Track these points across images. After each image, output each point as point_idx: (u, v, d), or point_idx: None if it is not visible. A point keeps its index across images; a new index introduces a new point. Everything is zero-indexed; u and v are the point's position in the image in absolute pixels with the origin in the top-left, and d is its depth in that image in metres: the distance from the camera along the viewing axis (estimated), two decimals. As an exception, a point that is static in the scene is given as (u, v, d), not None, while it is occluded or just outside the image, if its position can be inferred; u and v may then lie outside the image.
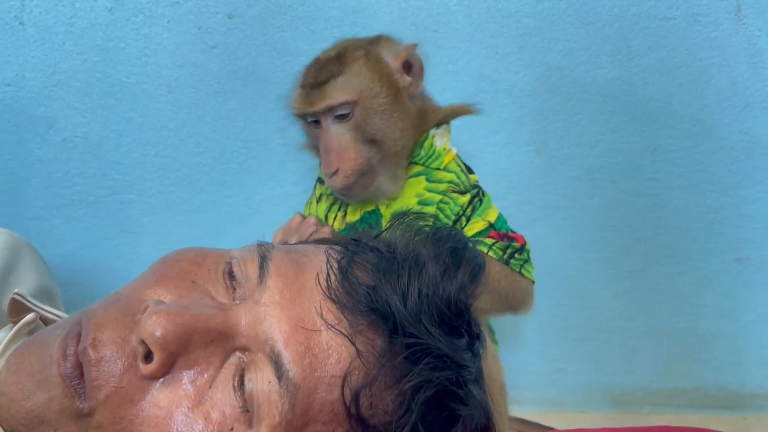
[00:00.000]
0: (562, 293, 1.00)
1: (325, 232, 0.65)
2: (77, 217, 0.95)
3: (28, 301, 0.52)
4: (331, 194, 0.78)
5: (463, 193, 0.74)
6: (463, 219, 0.74)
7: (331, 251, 0.46)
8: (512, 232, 0.75)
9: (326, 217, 0.79)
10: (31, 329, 0.47)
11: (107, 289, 0.98)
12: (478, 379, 0.45)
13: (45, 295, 0.63)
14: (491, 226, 0.73)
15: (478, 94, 0.93)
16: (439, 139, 0.76)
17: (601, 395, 1.04)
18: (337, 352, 0.40)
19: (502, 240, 0.72)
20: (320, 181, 0.82)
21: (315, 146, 0.77)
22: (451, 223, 0.73)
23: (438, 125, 0.77)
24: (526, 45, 0.92)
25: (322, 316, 0.40)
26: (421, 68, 0.74)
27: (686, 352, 1.03)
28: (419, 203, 0.73)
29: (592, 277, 0.99)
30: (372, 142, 0.72)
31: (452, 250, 0.47)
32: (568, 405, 1.02)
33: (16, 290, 0.52)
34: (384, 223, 0.74)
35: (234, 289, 0.43)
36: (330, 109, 0.72)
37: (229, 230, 0.96)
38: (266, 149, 0.94)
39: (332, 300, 0.41)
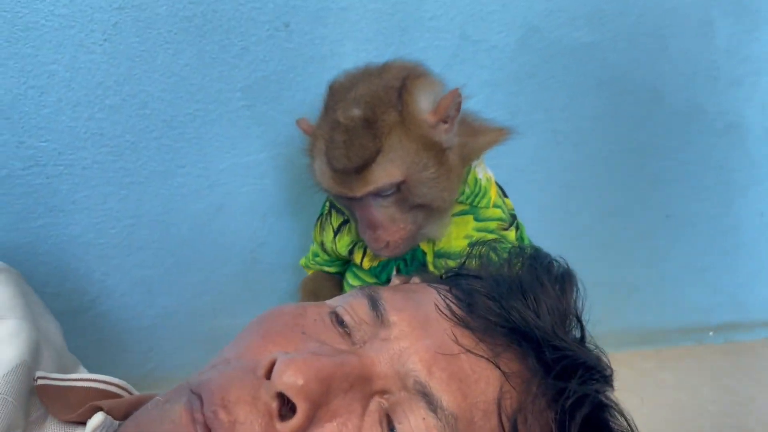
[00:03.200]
0: (520, 253, 1.02)
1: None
2: (-14, 194, 0.76)
3: (58, 380, 0.43)
4: (353, 228, 0.70)
5: (509, 227, 0.70)
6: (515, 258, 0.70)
7: (434, 284, 0.44)
8: None
9: (351, 251, 0.71)
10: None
11: (32, 278, 0.83)
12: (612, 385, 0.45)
13: (62, 339, 0.53)
14: None
15: (459, 53, 0.88)
16: (479, 170, 0.69)
17: (546, 343, 1.10)
18: (484, 377, 0.38)
19: None
20: (336, 209, 0.73)
21: (346, 206, 0.67)
22: None
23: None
24: (509, 3, 0.87)
25: (457, 341, 0.39)
26: (458, 110, 0.63)
27: (618, 300, 1.12)
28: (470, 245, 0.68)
29: (548, 236, 1.01)
30: (419, 206, 0.63)
31: (558, 268, 0.47)
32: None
33: (37, 374, 0.43)
34: (429, 259, 0.68)
35: (348, 335, 0.40)
36: (374, 192, 0.61)
37: (183, 206, 0.83)
38: (227, 111, 0.81)
39: (462, 326, 0.40)
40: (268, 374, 0.35)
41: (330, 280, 0.79)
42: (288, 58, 0.81)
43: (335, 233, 0.72)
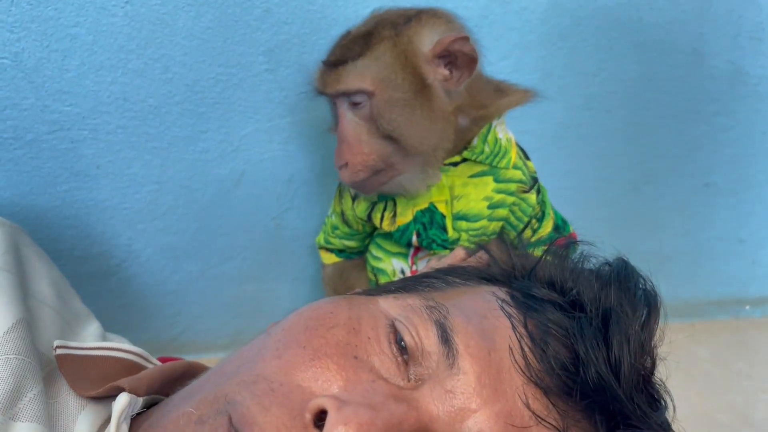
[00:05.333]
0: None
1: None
2: (13, 158, 0.76)
3: (77, 348, 0.43)
4: None
5: (530, 190, 0.68)
6: (534, 221, 0.68)
7: (508, 308, 0.39)
8: (568, 227, 0.72)
9: (369, 216, 0.70)
10: (128, 412, 0.38)
11: (57, 242, 0.83)
12: None
13: (60, 295, 0.52)
14: (557, 227, 0.70)
15: (488, 15, 0.84)
16: (500, 130, 0.68)
17: (575, 314, 1.08)
18: None
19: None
20: None
21: (333, 119, 0.68)
22: (522, 226, 0.67)
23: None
24: (541, -39, 0.84)
25: (529, 406, 0.35)
26: (472, 61, 0.61)
27: (652, 270, 1.08)
28: (490, 207, 0.66)
29: (579, 204, 1.00)
30: (390, 138, 0.62)
31: (644, 294, 0.44)
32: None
33: (55, 343, 0.42)
34: (448, 222, 0.66)
35: (406, 363, 0.37)
36: (343, 94, 0.62)
37: (206, 171, 0.83)
38: (250, 76, 0.80)
39: (535, 384, 0.36)
40: (316, 419, 0.33)
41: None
42: (311, 21, 0.79)
43: (353, 199, 0.71)
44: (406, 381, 0.36)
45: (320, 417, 0.33)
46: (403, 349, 0.37)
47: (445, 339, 0.36)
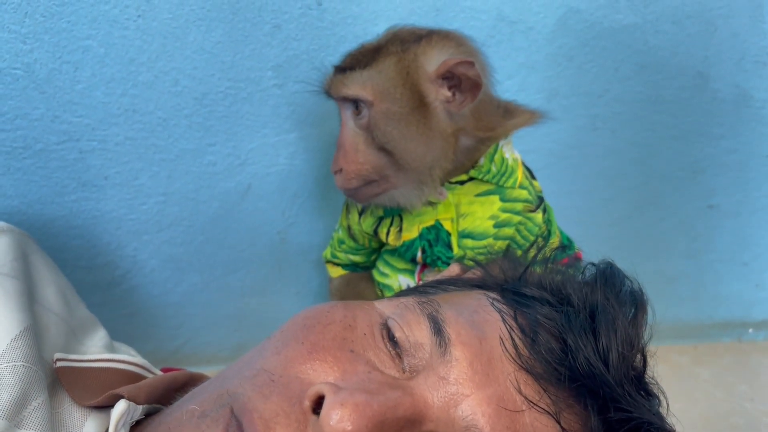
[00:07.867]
0: (553, 241, 1.00)
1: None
2: (22, 167, 0.77)
3: (77, 361, 0.43)
4: (377, 208, 0.71)
5: (536, 209, 0.69)
6: (540, 239, 0.69)
7: (498, 305, 0.41)
8: (573, 247, 0.73)
9: (376, 231, 0.70)
10: (126, 419, 0.39)
11: (63, 251, 0.84)
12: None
13: (66, 303, 0.52)
14: (563, 246, 0.70)
15: (495, 35, 0.85)
16: (507, 150, 0.68)
17: (577, 334, 1.08)
18: None
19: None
20: None
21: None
22: (528, 245, 0.68)
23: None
24: (549, -17, 0.85)
25: (520, 391, 0.36)
26: (476, 86, 0.62)
27: (655, 292, 1.07)
28: (495, 226, 0.66)
29: (584, 224, 1.00)
30: (385, 150, 0.63)
31: (630, 292, 0.45)
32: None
33: (55, 356, 0.42)
34: (453, 239, 0.67)
35: (400, 356, 0.38)
36: (344, 99, 0.64)
37: (213, 184, 0.84)
38: (258, 90, 0.80)
39: (527, 371, 0.37)
40: (315, 406, 0.34)
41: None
42: (320, 37, 0.80)
43: (360, 214, 0.71)
44: (401, 372, 0.37)
45: (319, 404, 0.34)
46: (397, 344, 0.38)
47: (437, 330, 0.38)
